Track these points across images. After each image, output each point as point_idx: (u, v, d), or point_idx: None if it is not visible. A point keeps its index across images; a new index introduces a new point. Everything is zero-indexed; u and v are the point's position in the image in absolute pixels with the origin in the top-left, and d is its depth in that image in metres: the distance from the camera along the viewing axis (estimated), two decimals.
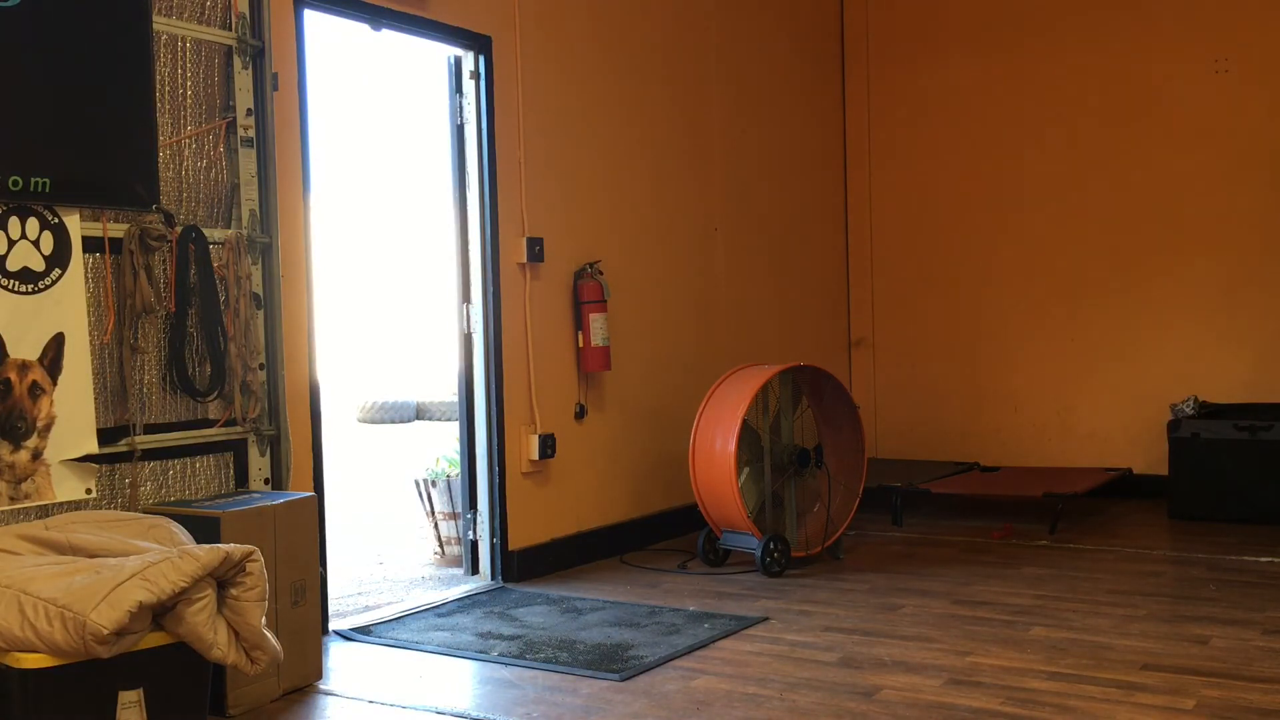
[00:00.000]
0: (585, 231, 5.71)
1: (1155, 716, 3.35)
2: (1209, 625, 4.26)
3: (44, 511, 3.51)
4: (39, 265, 3.51)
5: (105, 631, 2.87)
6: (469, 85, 5.20)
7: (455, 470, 5.68)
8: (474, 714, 3.54)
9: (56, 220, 3.56)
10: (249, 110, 4.15)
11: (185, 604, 3.05)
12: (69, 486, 3.58)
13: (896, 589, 4.94)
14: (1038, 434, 7.31)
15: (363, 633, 4.46)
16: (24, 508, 3.48)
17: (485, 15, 5.20)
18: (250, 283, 4.13)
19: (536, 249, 5.37)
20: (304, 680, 3.84)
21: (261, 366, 4.16)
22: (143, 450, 3.80)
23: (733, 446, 5.20)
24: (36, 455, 3.49)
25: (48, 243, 3.53)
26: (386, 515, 7.48)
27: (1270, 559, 5.30)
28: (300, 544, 3.83)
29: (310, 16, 4.49)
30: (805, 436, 5.60)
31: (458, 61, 5.22)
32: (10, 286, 3.45)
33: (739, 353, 6.63)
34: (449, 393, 13.92)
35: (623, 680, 3.80)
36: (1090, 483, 6.47)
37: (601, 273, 5.68)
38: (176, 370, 3.89)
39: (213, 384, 3.99)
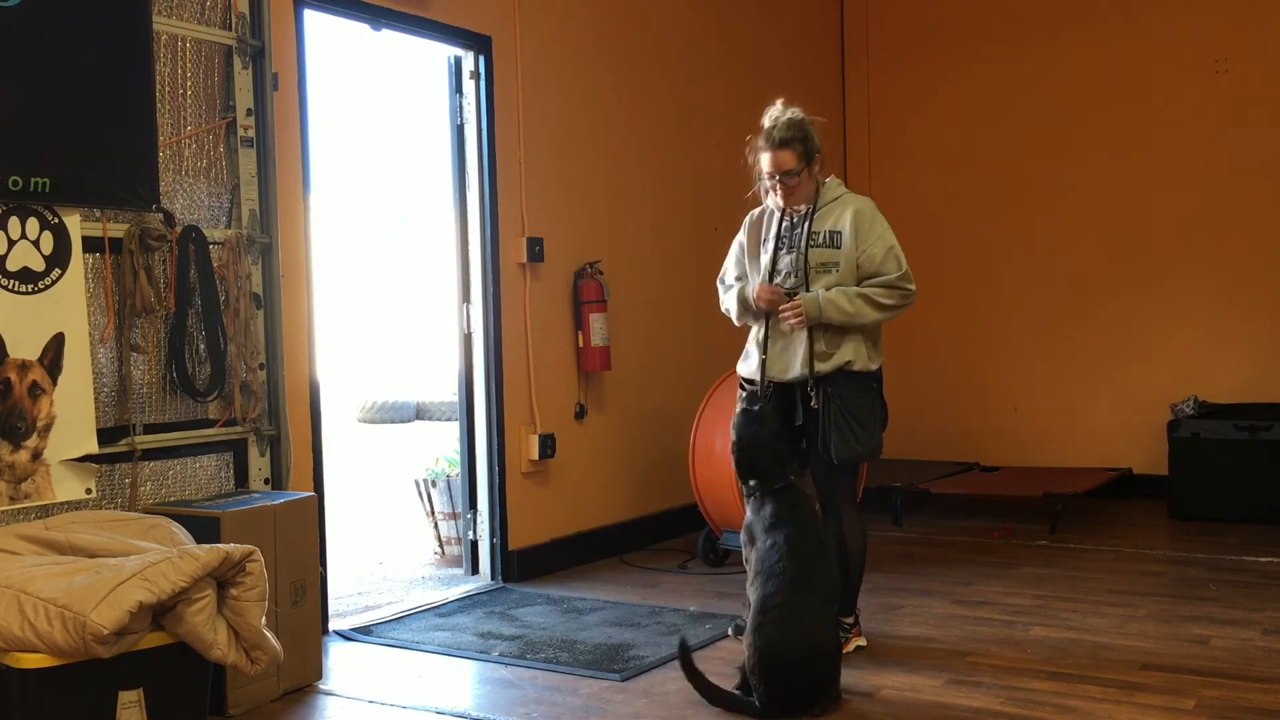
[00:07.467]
0: (585, 231, 5.71)
1: (1155, 716, 3.35)
2: (1209, 625, 4.26)
3: (44, 511, 3.51)
4: (39, 265, 3.51)
5: (105, 631, 2.87)
6: (469, 85, 5.20)
7: (455, 470, 5.68)
8: (474, 714, 3.54)
9: (56, 220, 3.56)
10: (249, 110, 4.15)
11: (185, 604, 3.05)
12: (69, 486, 3.58)
13: (896, 589, 4.94)
14: (1038, 434, 7.31)
15: (363, 633, 4.46)
16: (24, 508, 3.47)
17: (485, 15, 5.20)
18: (250, 283, 4.13)
19: (536, 249, 5.37)
20: (304, 680, 3.84)
21: (261, 366, 4.16)
22: (143, 450, 3.80)
23: None
24: (36, 455, 3.49)
25: (48, 243, 3.53)
26: (387, 515, 7.48)
27: (1270, 559, 5.30)
28: (300, 544, 3.83)
29: (310, 16, 4.49)
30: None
31: (458, 61, 5.22)
32: (10, 286, 3.45)
33: (739, 352, 6.61)
34: (449, 393, 13.89)
35: (623, 680, 3.80)
36: (1090, 483, 6.47)
37: (601, 273, 5.68)
38: (176, 370, 3.89)
39: (213, 384, 3.99)
